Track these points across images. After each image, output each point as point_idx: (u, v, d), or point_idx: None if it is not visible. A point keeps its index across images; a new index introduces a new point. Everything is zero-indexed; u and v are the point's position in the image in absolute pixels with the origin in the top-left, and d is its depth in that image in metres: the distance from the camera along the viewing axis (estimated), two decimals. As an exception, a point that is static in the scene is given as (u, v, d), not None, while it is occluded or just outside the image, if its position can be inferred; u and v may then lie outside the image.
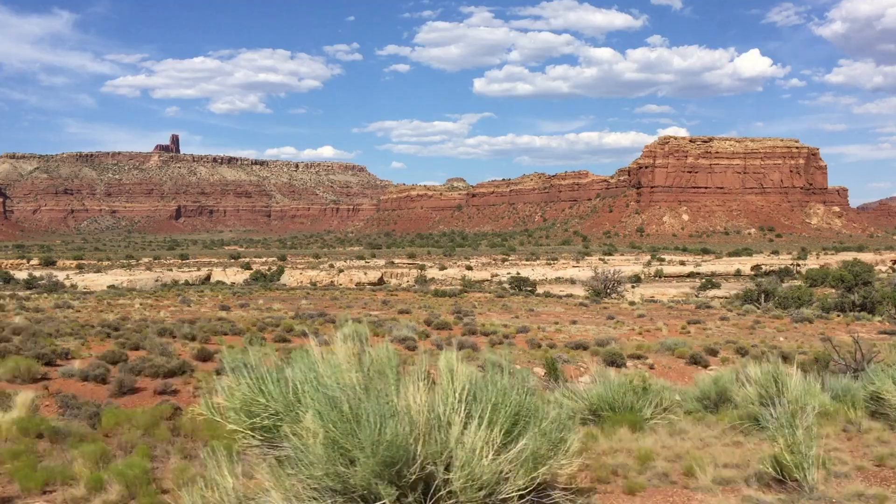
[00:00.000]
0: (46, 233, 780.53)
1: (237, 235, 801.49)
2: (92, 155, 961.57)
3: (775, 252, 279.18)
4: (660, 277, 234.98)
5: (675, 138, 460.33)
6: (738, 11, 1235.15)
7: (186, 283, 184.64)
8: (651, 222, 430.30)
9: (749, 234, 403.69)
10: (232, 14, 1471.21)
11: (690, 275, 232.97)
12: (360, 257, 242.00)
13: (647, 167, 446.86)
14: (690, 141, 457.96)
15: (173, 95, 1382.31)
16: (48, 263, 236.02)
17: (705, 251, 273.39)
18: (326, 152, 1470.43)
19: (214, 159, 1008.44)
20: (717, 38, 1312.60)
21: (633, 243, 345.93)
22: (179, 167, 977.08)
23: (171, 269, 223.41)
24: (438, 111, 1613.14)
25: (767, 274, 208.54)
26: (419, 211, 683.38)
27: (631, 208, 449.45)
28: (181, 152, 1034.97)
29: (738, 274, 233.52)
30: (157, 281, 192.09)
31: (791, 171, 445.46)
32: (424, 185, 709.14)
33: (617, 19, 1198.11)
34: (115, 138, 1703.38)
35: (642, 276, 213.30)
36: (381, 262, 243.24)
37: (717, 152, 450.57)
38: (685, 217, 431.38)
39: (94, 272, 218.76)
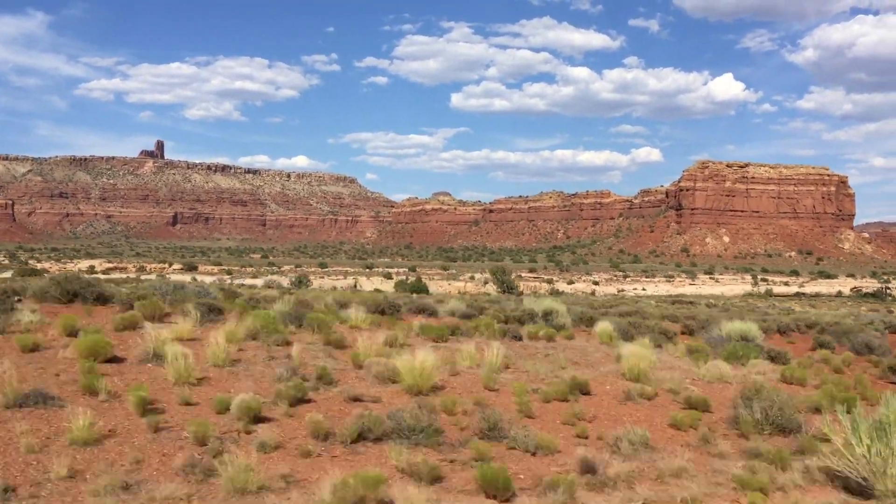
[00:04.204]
0: (43, 235, 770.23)
1: (236, 244, 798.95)
2: (86, 159, 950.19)
3: (851, 275, 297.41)
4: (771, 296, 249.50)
5: (714, 163, 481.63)
6: (713, 36, 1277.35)
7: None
8: (694, 243, 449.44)
9: (790, 256, 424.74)
10: (210, 21, 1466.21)
11: (797, 295, 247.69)
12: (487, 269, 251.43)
13: (687, 190, 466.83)
14: (727, 166, 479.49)
15: (148, 100, 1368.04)
16: (190, 269, 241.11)
17: (794, 273, 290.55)
18: (300, 162, 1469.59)
19: (209, 167, 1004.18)
20: (692, 61, 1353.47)
21: (694, 262, 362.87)
22: (174, 174, 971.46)
23: (322, 277, 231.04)
24: (415, 124, 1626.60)
25: (869, 295, 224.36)
26: (434, 225, 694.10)
27: (672, 229, 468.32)
28: (165, 158, 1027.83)
29: (839, 295, 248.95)
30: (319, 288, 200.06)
31: (823, 198, 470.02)
32: (438, 200, 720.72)
33: (595, 40, 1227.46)
34: (87, 142, 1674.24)
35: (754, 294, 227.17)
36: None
37: (753, 177, 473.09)
38: (726, 239, 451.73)
39: (251, 278, 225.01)
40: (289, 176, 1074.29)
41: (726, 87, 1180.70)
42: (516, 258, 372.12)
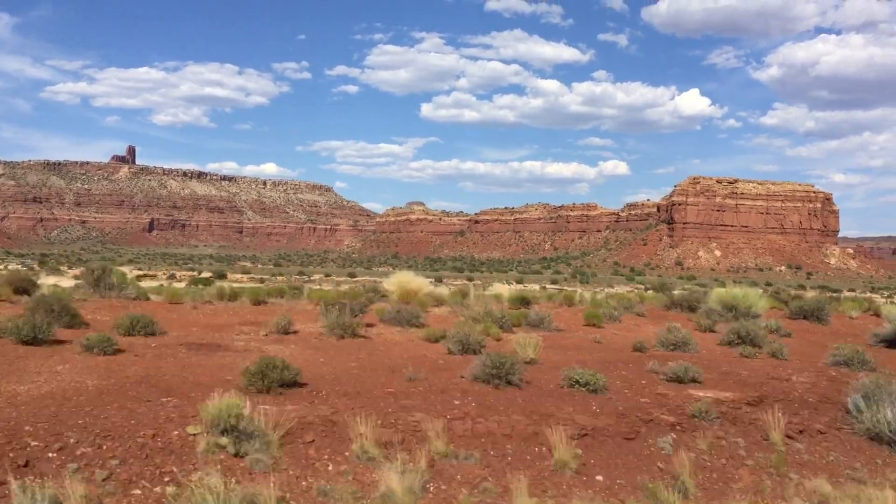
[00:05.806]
0: (17, 240, 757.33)
1: (214, 251, 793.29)
2: (59, 164, 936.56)
3: (851, 290, 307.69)
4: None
5: (705, 178, 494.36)
6: (680, 51, 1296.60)
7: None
8: (687, 256, 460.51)
9: (780, 271, 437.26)
10: (180, 26, 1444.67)
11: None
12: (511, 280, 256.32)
13: (679, 204, 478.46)
14: (718, 182, 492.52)
15: (115, 105, 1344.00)
16: (220, 276, 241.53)
17: (800, 287, 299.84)
18: (269, 169, 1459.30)
19: (185, 173, 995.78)
20: (659, 76, 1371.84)
21: (692, 275, 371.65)
22: (149, 180, 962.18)
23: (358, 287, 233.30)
24: (385, 134, 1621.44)
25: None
26: (419, 234, 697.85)
27: (664, 242, 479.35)
28: (136, 163, 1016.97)
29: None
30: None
31: (809, 214, 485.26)
32: (423, 209, 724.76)
33: (565, 53, 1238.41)
34: (52, 145, 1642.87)
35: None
36: (536, 287, 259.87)
37: (742, 193, 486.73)
38: (717, 252, 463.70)
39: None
40: (264, 183, 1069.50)
41: (693, 102, 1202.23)
42: (520, 270, 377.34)
